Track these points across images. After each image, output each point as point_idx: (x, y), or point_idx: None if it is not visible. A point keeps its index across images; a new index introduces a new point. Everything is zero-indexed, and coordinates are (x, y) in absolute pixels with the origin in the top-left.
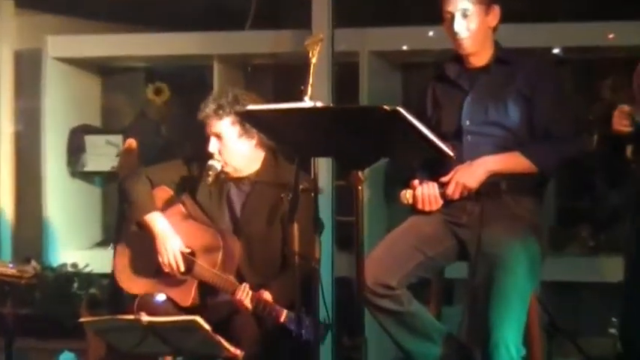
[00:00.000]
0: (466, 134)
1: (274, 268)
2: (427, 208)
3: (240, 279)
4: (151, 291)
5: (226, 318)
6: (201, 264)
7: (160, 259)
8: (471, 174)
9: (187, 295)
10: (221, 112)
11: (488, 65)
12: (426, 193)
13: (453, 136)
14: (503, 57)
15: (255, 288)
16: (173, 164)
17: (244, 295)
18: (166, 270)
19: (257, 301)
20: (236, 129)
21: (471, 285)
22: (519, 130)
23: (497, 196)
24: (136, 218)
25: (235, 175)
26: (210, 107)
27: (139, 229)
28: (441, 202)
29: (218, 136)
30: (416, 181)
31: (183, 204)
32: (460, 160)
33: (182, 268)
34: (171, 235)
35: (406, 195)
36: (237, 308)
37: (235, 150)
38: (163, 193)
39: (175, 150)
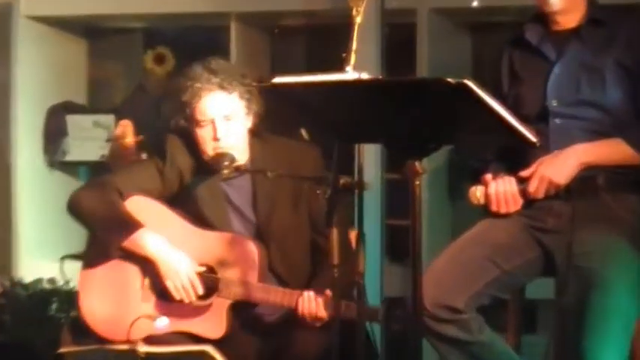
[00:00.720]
0: (553, 117)
1: (307, 266)
2: (503, 210)
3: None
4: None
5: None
6: (229, 278)
7: (171, 286)
8: (558, 167)
9: (218, 324)
10: (227, 84)
11: (579, 27)
12: (501, 190)
13: (537, 119)
14: (598, 16)
15: None
16: (145, 166)
17: (312, 304)
18: (179, 298)
19: (331, 304)
20: (243, 105)
21: (560, 307)
22: (620, 111)
23: (592, 193)
24: (114, 245)
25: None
26: (211, 78)
27: (123, 258)
28: (520, 201)
29: (227, 118)
30: (489, 176)
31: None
32: (545, 149)
33: (200, 291)
34: (174, 254)
35: (476, 192)
36: (291, 324)
37: (243, 134)
38: (143, 202)
39: None
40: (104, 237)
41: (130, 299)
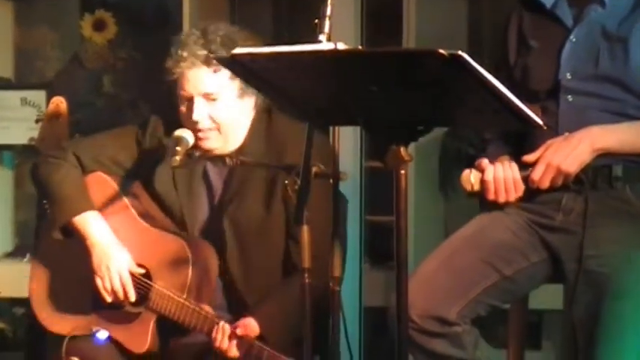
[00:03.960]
0: (565, 92)
1: (276, 276)
2: (502, 198)
3: (235, 295)
4: (85, 331)
5: None
6: (161, 289)
7: (100, 285)
8: (569, 152)
9: (142, 337)
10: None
11: None
12: (500, 176)
13: (548, 95)
14: None
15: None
16: (118, 135)
17: (223, 337)
18: (109, 300)
19: (247, 346)
20: (236, 85)
21: (569, 320)
22: None
23: (608, 185)
24: (60, 221)
25: (219, 151)
26: (195, 52)
27: (64, 238)
28: (522, 188)
29: (209, 97)
30: (485, 160)
31: (135, 198)
32: (554, 130)
33: (132, 297)
34: (114, 247)
35: (470, 177)
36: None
37: (235, 117)
38: (101, 182)
39: (124, 114)
40: (51, 211)
41: (77, 293)
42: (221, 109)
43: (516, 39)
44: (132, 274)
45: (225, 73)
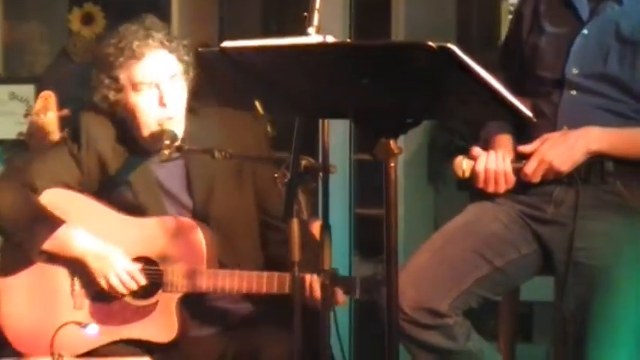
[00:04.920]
0: (568, 87)
1: (258, 263)
2: (491, 189)
3: None
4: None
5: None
6: (177, 269)
7: (106, 284)
8: (564, 150)
9: (168, 323)
10: (168, 42)
11: None
12: (491, 168)
13: (552, 84)
14: None
15: None
16: (54, 156)
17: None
18: (120, 292)
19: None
20: (182, 69)
21: (559, 312)
22: None
23: (600, 179)
24: (34, 251)
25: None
26: (151, 35)
27: (46, 260)
28: (513, 181)
29: (172, 78)
30: (477, 149)
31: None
32: (552, 122)
33: (143, 281)
34: (105, 247)
35: (462, 164)
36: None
37: (184, 103)
38: (63, 195)
39: None
40: (21, 241)
41: (60, 307)
42: (181, 93)
43: (531, 14)
44: (142, 269)
45: (175, 57)
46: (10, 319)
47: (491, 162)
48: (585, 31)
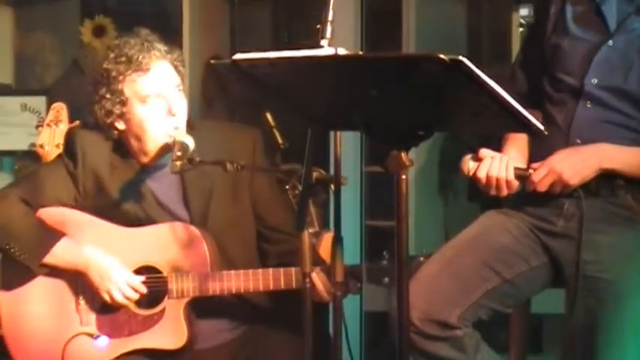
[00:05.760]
0: (586, 97)
1: (255, 261)
2: (492, 193)
3: None
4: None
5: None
6: (182, 274)
7: (108, 297)
8: (575, 164)
9: (177, 329)
10: (169, 54)
11: None
12: (493, 175)
13: (570, 91)
14: None
15: None
16: (51, 171)
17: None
18: (126, 303)
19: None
20: (180, 79)
21: (569, 324)
22: None
23: (610, 192)
24: (35, 265)
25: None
26: (154, 46)
27: (48, 274)
28: (515, 186)
29: (178, 88)
30: (484, 151)
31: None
32: (566, 131)
33: (143, 289)
34: (107, 260)
35: (469, 164)
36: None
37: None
38: (57, 212)
39: None
40: (22, 256)
41: (67, 325)
42: (185, 103)
43: (557, 14)
44: (146, 280)
45: (173, 69)
46: (16, 336)
47: (494, 168)
48: (611, 43)
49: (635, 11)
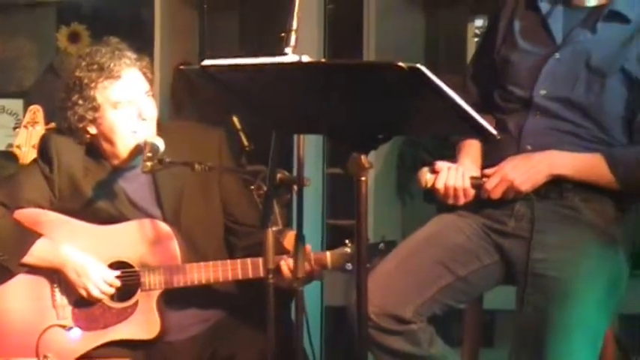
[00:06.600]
0: (534, 108)
1: (225, 256)
2: (451, 202)
3: None
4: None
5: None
6: (153, 267)
7: (85, 294)
8: (526, 171)
9: (151, 320)
10: (138, 61)
11: (596, 15)
12: (450, 185)
13: (519, 102)
14: (622, 9)
15: None
16: (26, 175)
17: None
18: (103, 297)
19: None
20: (149, 85)
21: (519, 320)
22: (611, 126)
23: (558, 195)
24: (13, 265)
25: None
26: (125, 54)
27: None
28: (472, 195)
29: (147, 94)
30: (439, 164)
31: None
32: (516, 140)
33: (117, 283)
34: (82, 257)
35: (426, 176)
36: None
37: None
38: (32, 213)
39: None
40: (1, 257)
41: (44, 318)
42: (155, 107)
43: (505, 28)
44: (121, 275)
45: (142, 75)
46: None
47: (451, 178)
48: (558, 56)
49: (581, 23)
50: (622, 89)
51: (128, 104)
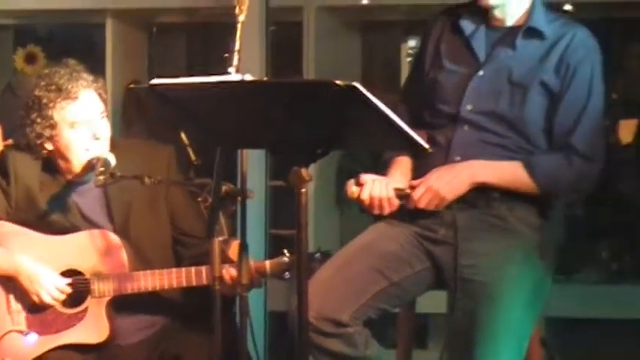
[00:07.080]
0: (463, 122)
1: (173, 266)
2: (376, 212)
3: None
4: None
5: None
6: (102, 275)
7: (38, 300)
8: (449, 180)
9: (100, 326)
10: (95, 83)
11: (515, 33)
12: (375, 195)
13: (449, 117)
14: (538, 26)
15: None
16: None
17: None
18: (48, 304)
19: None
20: (103, 105)
21: (450, 323)
22: (537, 135)
23: (485, 204)
24: None
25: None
26: (82, 76)
27: None
28: (396, 204)
29: (102, 115)
30: (363, 177)
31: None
32: (445, 153)
33: (68, 290)
34: (34, 265)
35: (352, 188)
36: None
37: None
38: None
39: None
40: None
41: (0, 324)
42: (108, 127)
43: (434, 49)
44: (73, 282)
45: (98, 96)
46: None
47: (376, 190)
48: (481, 73)
49: (501, 42)
50: (542, 101)
51: (84, 124)
